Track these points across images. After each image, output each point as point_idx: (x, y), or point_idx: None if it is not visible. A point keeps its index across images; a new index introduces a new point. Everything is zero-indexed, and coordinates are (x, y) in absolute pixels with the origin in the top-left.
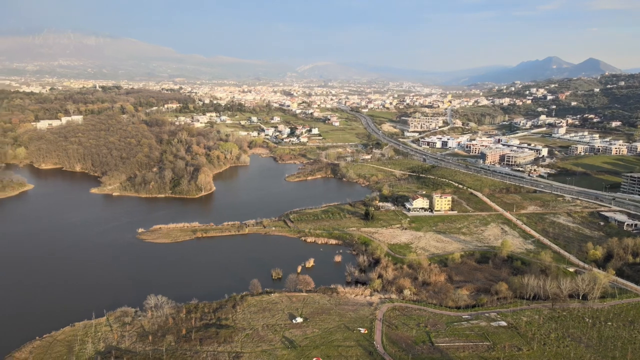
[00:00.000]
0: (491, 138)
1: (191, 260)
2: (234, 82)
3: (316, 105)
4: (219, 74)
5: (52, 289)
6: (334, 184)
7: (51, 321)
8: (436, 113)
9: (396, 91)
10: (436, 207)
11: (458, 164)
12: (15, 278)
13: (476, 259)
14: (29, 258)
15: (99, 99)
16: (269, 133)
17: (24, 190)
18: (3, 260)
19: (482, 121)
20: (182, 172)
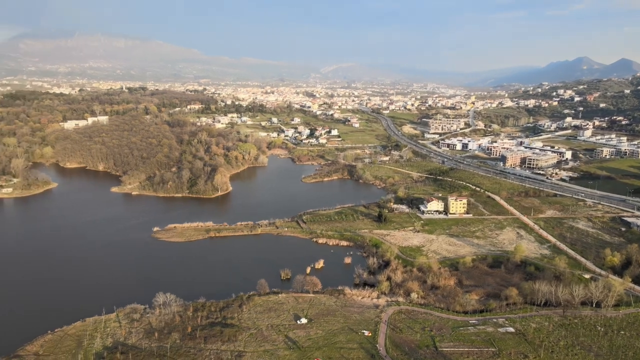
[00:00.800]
0: (513, 140)
1: (202, 259)
2: (258, 84)
3: (337, 107)
4: (244, 75)
5: (67, 285)
6: (350, 186)
7: (64, 316)
8: (458, 115)
9: (420, 92)
10: (451, 210)
11: (477, 166)
12: (33, 274)
13: (488, 263)
14: (47, 255)
15: (125, 100)
16: (289, 134)
17: (49, 188)
18: (23, 256)
19: (506, 123)
20: (200, 172)
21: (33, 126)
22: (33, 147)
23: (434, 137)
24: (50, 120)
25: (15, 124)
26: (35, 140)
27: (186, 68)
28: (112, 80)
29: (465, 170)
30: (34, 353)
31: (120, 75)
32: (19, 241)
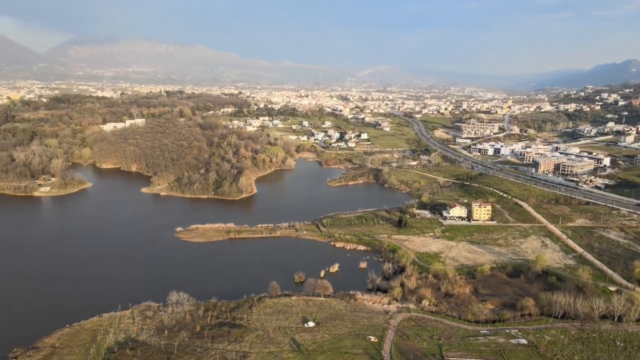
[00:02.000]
0: (548, 146)
1: (219, 259)
2: (293, 87)
3: (369, 111)
4: (280, 79)
5: (89, 281)
6: (375, 190)
7: (83, 311)
8: (493, 119)
9: (456, 96)
10: (475, 217)
11: (508, 172)
12: (58, 270)
13: (508, 272)
14: (73, 252)
15: (161, 103)
16: (319, 137)
17: (84, 187)
18: (49, 254)
19: (543, 128)
20: (226, 174)
21: (74, 128)
22: (73, 148)
23: (466, 142)
24: (91, 122)
25: (58, 126)
26: (76, 141)
27: (224, 72)
28: (154, 84)
29: (494, 176)
30: (50, 345)
31: (162, 79)
32: (50, 238)
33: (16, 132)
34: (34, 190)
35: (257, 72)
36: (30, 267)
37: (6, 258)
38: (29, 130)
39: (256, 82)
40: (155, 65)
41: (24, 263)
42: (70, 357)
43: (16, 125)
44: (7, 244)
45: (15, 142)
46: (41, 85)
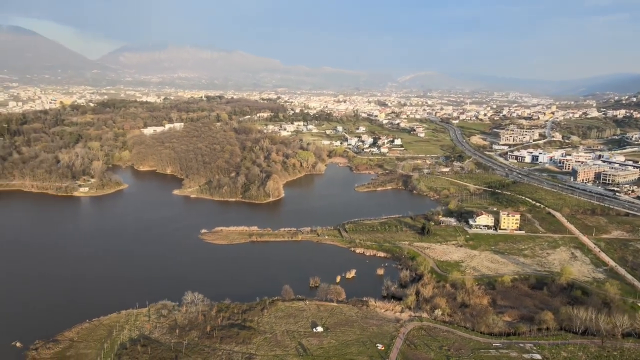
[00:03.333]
0: (591, 153)
1: (238, 262)
2: (333, 92)
3: (405, 116)
4: (321, 84)
5: (113, 278)
6: (403, 196)
7: (103, 307)
8: (534, 125)
9: (499, 102)
10: (502, 226)
11: (544, 180)
12: (85, 268)
13: (530, 284)
14: (101, 250)
15: (200, 108)
16: (352, 143)
17: (120, 189)
18: (79, 252)
19: (588, 135)
20: (255, 178)
21: (117, 131)
22: (113, 151)
23: (503, 149)
24: (132, 126)
25: (102, 130)
26: (117, 144)
27: (266, 77)
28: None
29: (529, 184)
30: (69, 339)
31: (205, 85)
32: (82, 237)
33: (63, 135)
34: (74, 191)
35: (298, 77)
36: (60, 264)
37: (38, 257)
38: (76, 133)
39: (297, 87)
40: (200, 71)
41: (55, 260)
42: (86, 351)
43: (64, 128)
44: (39, 243)
45: (62, 144)
46: (92, 90)
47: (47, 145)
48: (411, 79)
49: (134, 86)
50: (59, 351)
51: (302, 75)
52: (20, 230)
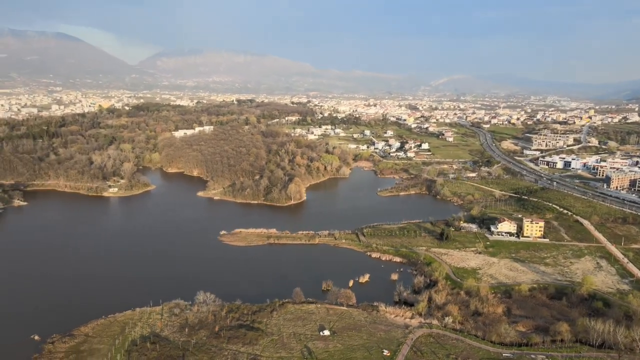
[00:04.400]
0: (628, 160)
1: (253, 263)
2: (364, 96)
3: (434, 120)
4: (352, 88)
5: (131, 276)
6: (426, 201)
7: (120, 304)
8: (569, 130)
9: (535, 106)
10: (525, 233)
11: (575, 187)
12: (105, 265)
13: (549, 293)
14: (123, 249)
15: (230, 111)
16: (379, 147)
17: (147, 190)
18: (100, 251)
19: (627, 140)
20: (277, 181)
21: (149, 134)
22: (144, 153)
23: (534, 154)
24: (164, 129)
25: (135, 132)
26: (149, 146)
27: (298, 81)
28: (230, 93)
29: (558, 191)
30: (85, 334)
31: (238, 88)
32: (106, 237)
33: (98, 137)
34: (104, 191)
35: (330, 81)
36: (81, 263)
37: (61, 255)
38: (110, 135)
39: (328, 91)
40: (233, 75)
41: (76, 258)
42: (99, 346)
43: (100, 131)
44: (63, 242)
45: (96, 146)
46: (130, 94)
47: (82, 147)
48: (445, 83)
49: (170, 90)
50: (74, 345)
51: (334, 79)
52: (47, 229)
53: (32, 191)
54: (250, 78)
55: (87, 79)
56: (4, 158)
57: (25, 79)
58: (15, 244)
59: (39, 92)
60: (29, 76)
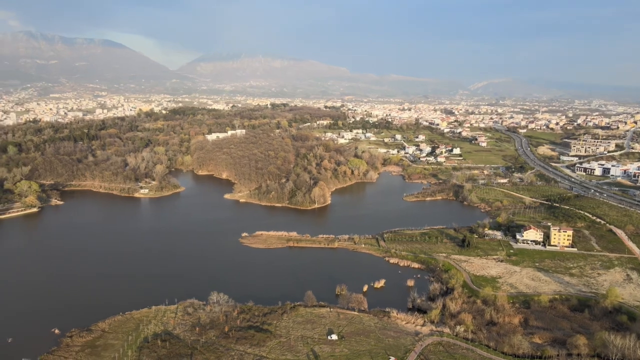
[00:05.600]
0: None
1: (271, 265)
2: (399, 100)
3: (468, 125)
4: (388, 92)
5: (152, 275)
6: (452, 207)
7: (138, 301)
8: (611, 135)
9: (579, 110)
10: (552, 242)
11: (612, 195)
12: (128, 265)
13: (571, 305)
14: (147, 248)
15: (263, 115)
16: (409, 151)
17: (177, 191)
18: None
19: None
20: (302, 185)
21: (182, 137)
22: (177, 156)
23: (571, 160)
24: (197, 132)
25: (170, 135)
26: (182, 149)
27: (334, 85)
28: (266, 97)
29: (592, 199)
30: (102, 329)
31: (274, 93)
32: (132, 236)
33: (135, 140)
34: (135, 192)
35: (366, 85)
36: (105, 261)
37: (89, 256)
38: (146, 138)
39: (364, 95)
40: (270, 79)
41: (101, 257)
42: (113, 342)
43: (137, 134)
44: (90, 241)
45: (132, 148)
46: (169, 98)
47: (118, 149)
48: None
49: (208, 94)
50: (90, 340)
51: (370, 83)
52: (78, 228)
53: (69, 191)
54: (286, 82)
55: (131, 83)
56: (46, 159)
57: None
58: (47, 242)
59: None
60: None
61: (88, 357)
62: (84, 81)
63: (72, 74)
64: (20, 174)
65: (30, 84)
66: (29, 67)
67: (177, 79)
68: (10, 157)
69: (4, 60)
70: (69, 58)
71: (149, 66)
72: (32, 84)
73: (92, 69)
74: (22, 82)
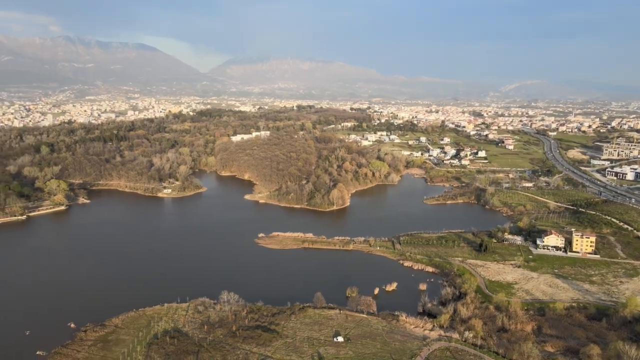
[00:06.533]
0: None
1: (283, 266)
2: (428, 102)
3: (495, 127)
4: (417, 95)
5: (167, 272)
6: (473, 211)
7: (152, 298)
8: None
9: (617, 112)
10: (574, 248)
11: None
12: (145, 263)
13: (589, 314)
14: (165, 247)
15: (288, 117)
16: (433, 154)
17: (199, 192)
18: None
19: None
20: (321, 186)
21: (208, 138)
22: (201, 157)
23: (602, 164)
24: (222, 133)
25: (195, 137)
26: (207, 150)
27: (362, 87)
28: (294, 99)
29: (621, 204)
30: (115, 325)
31: (302, 95)
32: (151, 235)
33: (162, 141)
34: (158, 192)
35: (395, 87)
36: (124, 259)
37: (109, 257)
38: (172, 139)
39: (392, 97)
40: (298, 81)
41: (122, 254)
42: (124, 337)
43: (164, 135)
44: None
45: (159, 149)
46: (198, 100)
47: (145, 150)
48: (516, 88)
49: (237, 96)
50: (103, 335)
51: (399, 85)
52: (101, 226)
53: (96, 190)
54: (314, 84)
55: (162, 86)
56: (76, 159)
57: (108, 87)
58: (70, 239)
59: (119, 98)
60: (111, 84)
61: (99, 351)
62: (118, 84)
63: (107, 76)
64: (50, 173)
65: (67, 86)
66: (67, 70)
67: (207, 82)
68: (43, 157)
69: (44, 64)
70: (104, 61)
71: (181, 69)
72: (69, 87)
73: (126, 72)
74: (60, 84)
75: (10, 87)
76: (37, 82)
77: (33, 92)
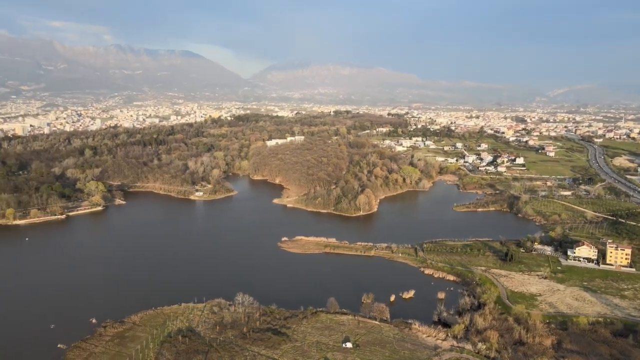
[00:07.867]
0: None
1: (303, 270)
2: (469, 108)
3: (537, 133)
4: (459, 100)
5: (190, 272)
6: (504, 219)
7: (171, 298)
8: None
9: None
10: (608, 260)
11: None
12: (170, 265)
13: (615, 329)
14: (190, 248)
15: (323, 122)
16: (469, 160)
17: (230, 195)
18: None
19: None
20: (349, 192)
21: (242, 143)
22: (235, 160)
23: None
24: (257, 138)
25: (231, 141)
26: (241, 154)
27: (402, 93)
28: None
29: None
30: (133, 322)
31: (342, 100)
32: (183, 238)
33: (199, 145)
34: (191, 194)
35: (436, 92)
36: (151, 260)
37: (137, 258)
38: (209, 143)
39: (433, 102)
40: (338, 87)
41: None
42: (141, 334)
43: (202, 139)
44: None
45: (195, 153)
46: (239, 106)
47: (181, 154)
48: (564, 93)
49: (277, 102)
50: (121, 331)
51: (440, 91)
52: (134, 227)
53: (133, 192)
54: (354, 90)
55: (205, 91)
56: (115, 162)
57: (154, 93)
58: (104, 239)
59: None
60: (158, 90)
61: (115, 347)
62: (164, 90)
63: (154, 83)
64: (91, 175)
65: (117, 92)
66: (117, 77)
67: (248, 87)
68: (86, 160)
69: (96, 71)
70: (152, 68)
71: (224, 75)
72: (119, 93)
73: (172, 78)
74: (111, 91)
75: (65, 94)
76: (90, 88)
77: (85, 97)
